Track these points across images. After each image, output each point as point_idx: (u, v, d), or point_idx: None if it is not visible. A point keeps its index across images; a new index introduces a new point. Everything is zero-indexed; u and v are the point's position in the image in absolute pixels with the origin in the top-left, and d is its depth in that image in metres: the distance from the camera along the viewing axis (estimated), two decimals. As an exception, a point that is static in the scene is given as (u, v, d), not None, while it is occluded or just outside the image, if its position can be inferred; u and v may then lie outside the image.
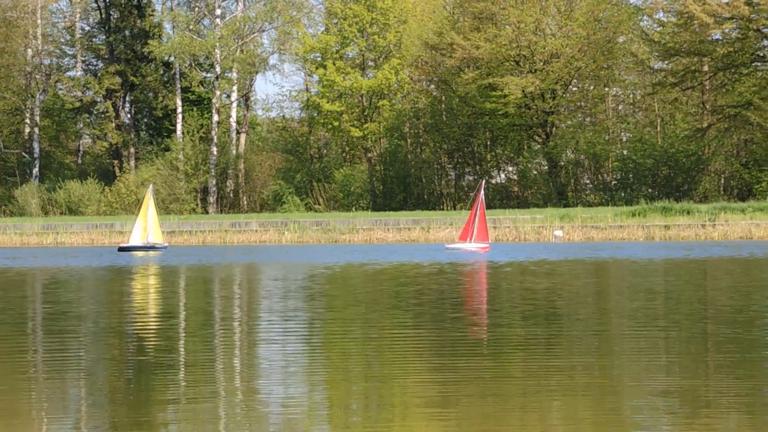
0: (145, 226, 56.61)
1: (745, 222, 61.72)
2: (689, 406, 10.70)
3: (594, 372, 13.01)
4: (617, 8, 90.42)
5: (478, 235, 50.79)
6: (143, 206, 57.66)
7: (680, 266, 35.28)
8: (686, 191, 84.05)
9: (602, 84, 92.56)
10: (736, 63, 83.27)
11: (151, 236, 56.66)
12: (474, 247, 50.21)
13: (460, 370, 12.99)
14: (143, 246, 56.34)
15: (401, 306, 21.94)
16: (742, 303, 21.43)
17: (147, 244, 56.51)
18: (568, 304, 22.13)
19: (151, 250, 55.78)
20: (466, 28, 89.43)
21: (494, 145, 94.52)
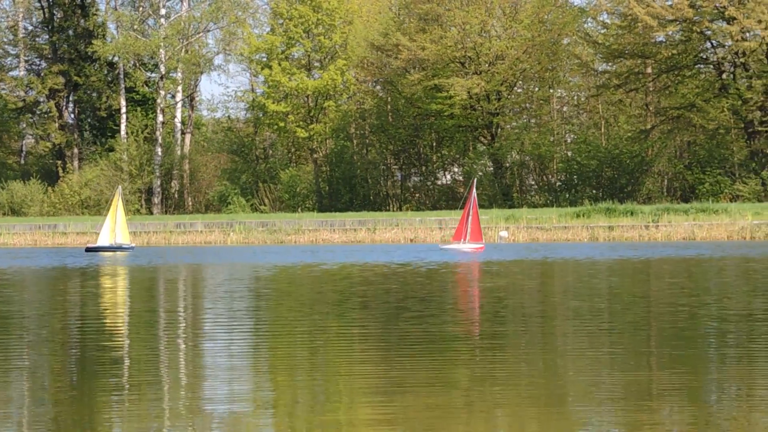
0: (113, 227, 56.59)
1: (688, 223, 62.25)
2: (633, 398, 10.79)
3: (538, 366, 13.08)
4: (562, 10, 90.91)
5: (471, 235, 49.86)
6: (112, 206, 57.58)
7: (624, 266, 35.54)
8: (630, 192, 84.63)
9: (547, 85, 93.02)
10: (680, 65, 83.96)
11: (119, 237, 56.67)
12: (468, 248, 49.32)
13: (406, 366, 13.01)
14: (110, 246, 56.36)
15: (349, 305, 21.93)
16: (685, 301, 21.62)
17: (114, 245, 56.51)
18: (514, 302, 22.23)
19: (118, 251, 55.71)
20: (411, 29, 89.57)
21: (440, 146, 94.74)
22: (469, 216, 50.27)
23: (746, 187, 79.71)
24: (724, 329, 16.78)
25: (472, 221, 50.21)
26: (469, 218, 50.23)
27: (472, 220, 50.18)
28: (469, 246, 49.72)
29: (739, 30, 78.36)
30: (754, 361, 13.55)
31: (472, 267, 36.35)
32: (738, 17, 77.57)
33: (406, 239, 65.40)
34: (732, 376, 12.33)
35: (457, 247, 50.08)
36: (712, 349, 14.75)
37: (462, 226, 50.73)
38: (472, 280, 30.14)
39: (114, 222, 56.56)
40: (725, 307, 20.41)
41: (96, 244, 57.25)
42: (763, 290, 24.89)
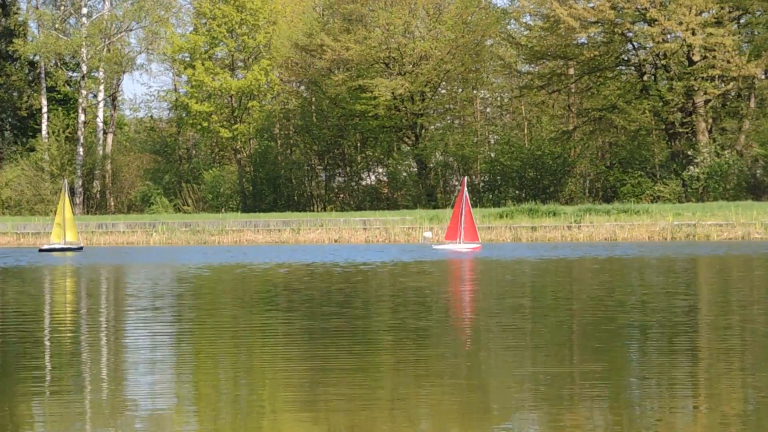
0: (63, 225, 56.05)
1: (610, 223, 62.79)
2: (555, 389, 10.85)
3: (461, 361, 13.11)
4: (485, 12, 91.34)
5: (465, 235, 48.67)
6: (60, 204, 56.99)
7: (546, 266, 35.78)
8: (552, 193, 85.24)
9: (470, 86, 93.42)
10: (601, 67, 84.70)
11: (68, 236, 56.15)
12: (464, 248, 48.11)
13: (330, 365, 12.99)
14: (63, 246, 55.86)
15: (277, 305, 21.86)
16: (606, 298, 21.81)
17: (65, 245, 56.00)
18: (440, 301, 22.28)
19: (68, 251, 55.17)
20: (335, 29, 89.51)
21: (364, 147, 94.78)
22: (461, 215, 48.97)
23: (667, 188, 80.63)
24: (645, 325, 16.94)
25: (466, 220, 48.82)
26: (461, 217, 48.91)
27: (465, 219, 48.78)
28: (464, 246, 48.41)
29: (660, 32, 79.22)
30: (675, 356, 13.70)
31: (397, 267, 36.42)
32: (659, 19, 78.44)
33: (331, 240, 65.31)
34: (654, 373, 12.45)
35: (452, 247, 48.77)
36: (633, 344, 14.88)
37: (455, 225, 49.16)
38: (400, 279, 30.20)
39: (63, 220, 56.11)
40: (646, 304, 20.62)
41: (50, 245, 56.79)
42: (683, 289, 25.19)
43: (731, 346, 14.60)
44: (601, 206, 69.65)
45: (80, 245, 57.42)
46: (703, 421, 9.71)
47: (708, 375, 12.22)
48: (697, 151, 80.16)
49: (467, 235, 48.93)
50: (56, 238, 56.60)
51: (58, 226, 56.55)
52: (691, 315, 18.73)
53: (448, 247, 49.08)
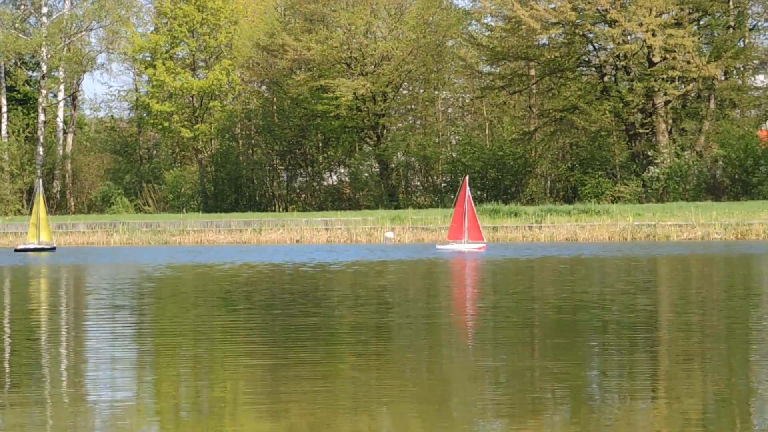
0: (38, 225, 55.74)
1: (571, 224, 63.00)
2: (516, 385, 10.88)
3: (423, 359, 13.12)
4: (446, 12, 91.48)
5: (469, 234, 47.87)
6: (35, 204, 56.66)
7: (508, 265, 35.87)
8: (514, 193, 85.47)
9: (432, 87, 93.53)
10: (562, 68, 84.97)
11: (42, 236, 55.81)
12: (470, 247, 47.33)
13: (292, 362, 12.97)
14: (37, 247, 55.53)
15: (238, 303, 21.80)
16: (566, 296, 21.89)
17: (39, 245, 55.68)
18: (402, 300, 22.29)
19: (42, 251, 54.83)
20: (297, 29, 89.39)
21: (326, 147, 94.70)
22: (465, 214, 48.06)
23: (627, 189, 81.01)
24: (606, 322, 17.02)
25: (470, 220, 48.08)
26: (465, 217, 48.41)
27: (468, 218, 48.01)
28: (469, 246, 47.63)
29: (620, 33, 79.58)
30: (635, 353, 13.76)
31: (360, 267, 36.42)
32: (619, 20, 78.79)
33: (292, 240, 65.21)
34: (615, 368, 12.50)
35: (457, 247, 47.91)
36: (595, 342, 14.94)
37: (459, 225, 48.33)
38: (364, 278, 30.19)
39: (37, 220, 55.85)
40: (607, 302, 20.71)
41: (25, 245, 56.54)
42: (644, 288, 25.32)
43: (691, 342, 14.68)
44: (562, 207, 69.88)
45: (53, 245, 57.17)
46: (662, 416, 9.76)
47: (668, 371, 12.28)
48: (657, 152, 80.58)
49: (471, 235, 48.10)
50: (32, 238, 56.38)
51: (33, 226, 56.25)
52: (652, 313, 18.82)
53: (453, 247, 48.10)
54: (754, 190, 77.69)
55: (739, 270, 32.48)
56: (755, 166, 78.46)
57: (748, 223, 58.22)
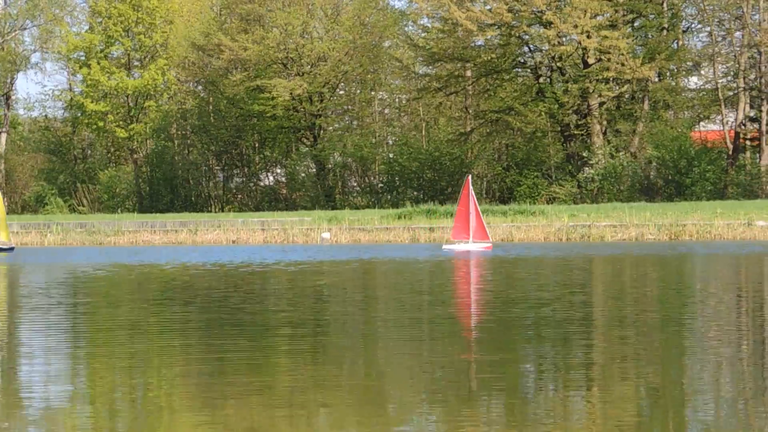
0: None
1: (507, 224, 63.28)
2: (452, 379, 10.91)
3: (358, 359, 13.12)
4: (383, 13, 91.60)
5: (475, 234, 47.29)
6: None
7: (444, 266, 35.97)
8: (450, 194, 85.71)
9: (369, 88, 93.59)
10: (498, 69, 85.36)
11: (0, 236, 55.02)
12: (476, 247, 46.75)
13: (229, 360, 12.92)
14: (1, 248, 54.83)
15: (174, 302, 21.68)
16: (502, 296, 21.99)
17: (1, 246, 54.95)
18: (334, 301, 22.28)
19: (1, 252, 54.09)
20: (233, 29, 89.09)
21: (263, 147, 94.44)
22: (470, 214, 47.33)
23: (562, 189, 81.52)
24: (539, 319, 17.11)
25: (476, 219, 47.43)
26: (471, 216, 47.54)
27: (474, 217, 47.35)
28: (476, 245, 47.01)
29: (555, 35, 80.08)
30: (570, 348, 13.84)
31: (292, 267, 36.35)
32: (555, 22, 79.28)
33: (228, 241, 64.95)
34: (549, 364, 12.57)
35: (464, 246, 47.26)
36: (529, 337, 15.01)
37: (463, 224, 47.70)
38: (298, 277, 30.14)
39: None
40: (544, 299, 20.83)
41: None
42: (579, 286, 25.50)
43: (625, 336, 14.80)
44: (498, 207, 70.20)
45: (12, 246, 56.31)
46: (596, 411, 9.82)
47: (603, 364, 12.37)
48: (592, 153, 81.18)
49: (477, 234, 47.58)
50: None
51: None
52: (587, 309, 18.95)
53: (460, 247, 47.48)
54: (688, 191, 78.49)
55: (672, 269, 32.81)
56: (688, 167, 79.28)
57: (681, 224, 58.80)
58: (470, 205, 47.86)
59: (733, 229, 56.96)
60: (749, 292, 23.26)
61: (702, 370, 12.16)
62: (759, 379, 11.51)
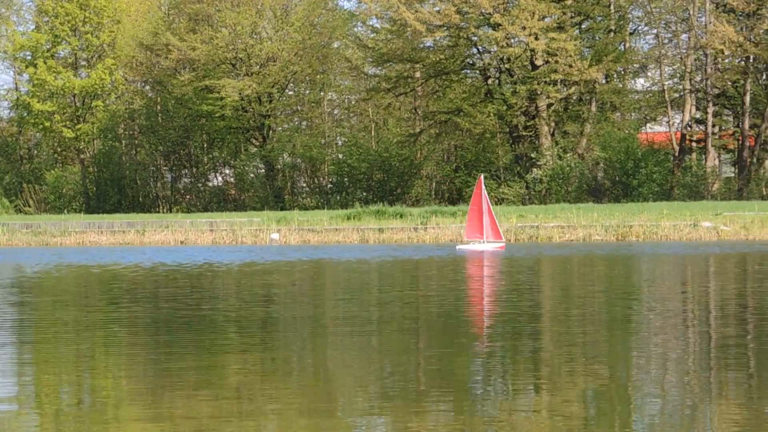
0: None
1: (455, 225, 63.39)
2: (400, 380, 10.90)
3: (307, 360, 13.09)
4: (332, 14, 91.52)
5: (489, 233, 47.01)
6: None
7: (393, 266, 36.00)
8: (399, 195, 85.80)
9: (318, 88, 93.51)
10: (447, 70, 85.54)
11: None
12: (490, 247, 46.57)
13: (174, 363, 12.86)
14: None
15: (121, 303, 21.54)
16: (447, 296, 22.04)
17: None
18: (284, 305, 22.24)
19: None
20: (181, 29, 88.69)
21: (211, 148, 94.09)
22: (484, 214, 46.95)
23: (511, 190, 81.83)
24: (488, 323, 17.16)
25: (489, 219, 47.17)
26: (485, 216, 47.04)
27: (488, 217, 47.04)
28: (490, 245, 46.79)
29: (504, 36, 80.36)
30: (518, 354, 13.89)
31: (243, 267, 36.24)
32: (503, 24, 79.56)
33: (177, 241, 64.64)
34: (498, 362, 12.61)
35: (478, 246, 46.93)
36: (478, 343, 15.05)
37: (477, 224, 47.36)
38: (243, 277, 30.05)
39: None
40: (493, 298, 20.88)
41: None
42: (528, 285, 25.61)
43: (572, 334, 14.87)
44: (447, 208, 70.34)
45: None
46: (544, 408, 9.85)
47: (550, 363, 12.42)
48: (540, 154, 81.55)
49: (492, 234, 47.42)
50: None
51: None
52: (536, 307, 19.03)
53: (474, 247, 47.20)
54: (634, 192, 79.02)
55: (619, 269, 33.02)
56: (635, 168, 79.81)
57: (628, 225, 59.17)
58: (483, 205, 47.78)
59: (679, 230, 57.39)
60: (694, 292, 23.46)
61: (648, 368, 12.25)
62: (704, 376, 11.61)
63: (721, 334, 15.25)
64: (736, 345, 14.19)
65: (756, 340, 14.65)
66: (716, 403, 10.13)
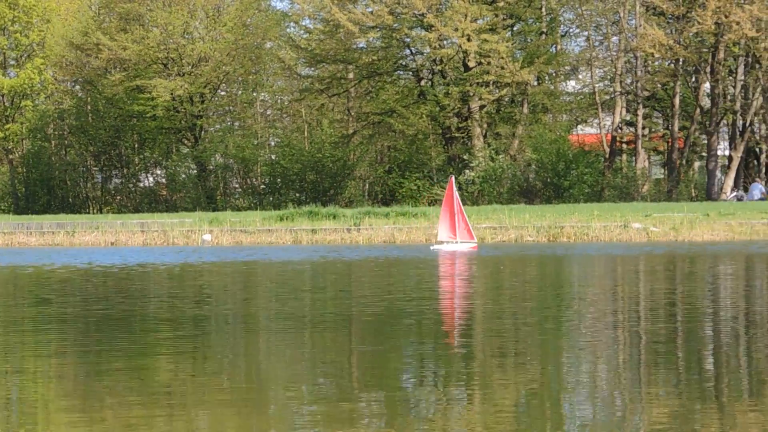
0: None
1: (388, 226, 63.47)
2: (330, 378, 10.89)
3: (239, 359, 13.04)
4: (265, 14, 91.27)
5: (462, 234, 47.30)
6: None
7: (326, 267, 35.97)
8: (333, 196, 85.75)
9: (251, 89, 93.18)
10: (380, 71, 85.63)
11: None
12: (463, 247, 46.82)
13: (104, 364, 12.75)
14: None
15: (50, 303, 21.32)
16: (383, 297, 22.06)
17: None
18: (216, 305, 22.13)
19: None
20: (112, 28, 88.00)
21: (142, 148, 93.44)
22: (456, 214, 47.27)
23: (444, 192, 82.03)
24: (419, 319, 17.19)
25: (461, 219, 47.47)
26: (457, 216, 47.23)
27: (460, 218, 47.37)
28: (463, 245, 47.11)
29: (436, 38, 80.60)
30: (450, 352, 13.91)
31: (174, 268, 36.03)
32: (436, 25, 79.78)
33: (107, 243, 64.14)
34: (429, 366, 12.63)
35: (451, 246, 47.21)
36: (410, 341, 15.07)
37: (451, 224, 47.66)
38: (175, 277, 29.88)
39: None
40: (423, 302, 20.93)
41: None
42: (459, 289, 25.69)
43: (504, 334, 14.93)
44: (380, 209, 70.39)
45: None
46: (476, 412, 9.88)
47: (482, 361, 12.46)
48: (473, 156, 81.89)
49: (464, 234, 47.84)
50: None
51: None
52: (468, 306, 19.09)
53: (447, 247, 47.46)
54: (566, 194, 79.59)
55: (550, 270, 33.23)
56: (566, 169, 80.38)
57: (559, 226, 59.56)
58: (455, 206, 48.19)
59: (610, 231, 57.85)
60: (624, 291, 23.66)
61: (579, 365, 12.33)
62: (634, 372, 11.71)
63: (651, 332, 15.40)
64: (665, 342, 14.33)
65: (684, 338, 14.81)
66: (646, 399, 10.22)
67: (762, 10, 72.95)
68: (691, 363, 12.70)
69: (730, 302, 20.48)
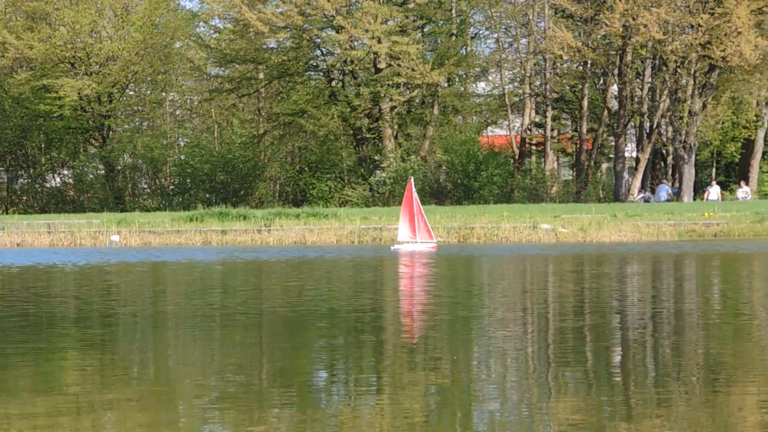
0: None
1: (299, 227, 63.33)
2: (244, 383, 10.83)
3: (148, 358, 12.92)
4: (174, 14, 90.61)
5: (423, 234, 47.51)
6: None
7: (236, 268, 35.83)
8: (243, 197, 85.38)
9: (160, 89, 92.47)
10: (291, 72, 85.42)
11: None
12: (423, 247, 46.87)
13: (9, 365, 12.58)
14: None
15: None
16: (295, 300, 22.02)
17: None
18: (124, 304, 21.93)
19: None
20: (18, 27, 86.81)
21: (49, 148, 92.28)
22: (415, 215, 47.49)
23: (355, 192, 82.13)
24: (332, 322, 17.18)
25: (421, 219, 47.80)
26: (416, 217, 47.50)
27: (420, 218, 47.64)
28: (423, 245, 47.19)
29: (347, 39, 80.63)
30: (361, 350, 13.92)
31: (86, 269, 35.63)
32: (346, 27, 79.81)
33: (13, 243, 63.24)
34: (341, 368, 12.62)
35: (411, 246, 47.28)
36: (323, 340, 15.05)
37: (411, 225, 47.93)
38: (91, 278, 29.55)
39: None
40: (334, 301, 20.92)
41: None
42: (370, 287, 25.74)
43: (414, 333, 14.96)
44: (291, 210, 70.21)
45: None
46: (386, 415, 9.88)
47: (392, 360, 12.47)
48: (384, 157, 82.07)
49: (424, 234, 48.10)
50: None
51: None
52: (378, 305, 19.11)
53: (407, 247, 47.56)
54: (476, 195, 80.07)
55: (460, 270, 33.41)
56: (477, 171, 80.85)
57: (469, 227, 59.85)
58: (414, 207, 48.52)
59: (519, 232, 58.27)
60: (533, 291, 23.86)
61: (489, 364, 12.39)
62: (543, 371, 11.80)
63: (559, 331, 15.53)
64: (573, 340, 14.47)
65: (592, 336, 14.95)
66: (555, 397, 10.30)
67: (669, 12, 74.01)
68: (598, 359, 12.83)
69: (637, 300, 20.75)
